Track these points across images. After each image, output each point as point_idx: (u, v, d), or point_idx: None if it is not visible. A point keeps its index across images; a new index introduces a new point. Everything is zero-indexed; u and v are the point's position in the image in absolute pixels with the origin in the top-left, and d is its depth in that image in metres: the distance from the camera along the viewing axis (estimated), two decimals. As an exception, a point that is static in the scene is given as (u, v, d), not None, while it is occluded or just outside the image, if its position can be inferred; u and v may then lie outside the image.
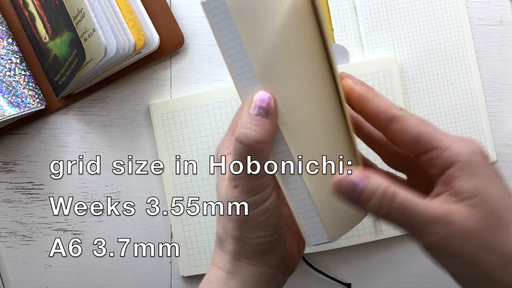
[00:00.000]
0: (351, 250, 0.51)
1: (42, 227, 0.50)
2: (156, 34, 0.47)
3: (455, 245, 0.25)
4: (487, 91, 0.53)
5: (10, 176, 0.51)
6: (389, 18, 0.53)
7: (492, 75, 0.53)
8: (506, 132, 0.53)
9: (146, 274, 0.50)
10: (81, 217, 0.50)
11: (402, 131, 0.28)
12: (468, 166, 0.26)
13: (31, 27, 0.49)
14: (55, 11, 0.44)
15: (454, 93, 0.53)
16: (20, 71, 0.49)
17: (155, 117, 0.49)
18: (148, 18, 0.47)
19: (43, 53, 0.49)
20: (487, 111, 0.53)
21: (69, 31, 0.43)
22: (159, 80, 0.51)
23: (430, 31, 0.53)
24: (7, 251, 0.50)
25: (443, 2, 0.53)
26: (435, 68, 0.53)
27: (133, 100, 0.51)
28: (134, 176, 0.51)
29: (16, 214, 0.50)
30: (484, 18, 0.53)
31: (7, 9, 0.50)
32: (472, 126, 0.53)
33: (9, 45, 0.49)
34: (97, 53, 0.41)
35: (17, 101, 0.47)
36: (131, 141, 0.51)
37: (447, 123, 0.52)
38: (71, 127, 0.51)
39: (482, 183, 0.26)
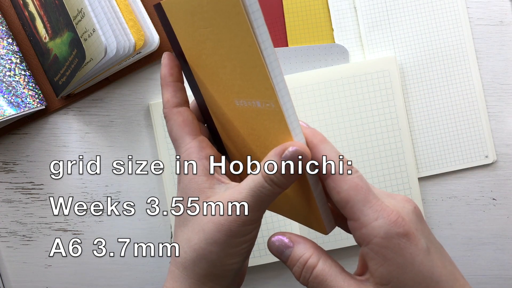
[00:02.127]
0: (351, 250, 0.51)
1: (42, 227, 0.50)
2: (156, 34, 0.47)
3: None
4: (487, 91, 0.53)
5: (10, 176, 0.51)
6: (389, 18, 0.53)
7: (492, 75, 0.53)
8: (506, 132, 0.53)
9: (146, 274, 0.50)
10: (81, 217, 0.50)
11: (334, 190, 0.27)
12: (382, 250, 0.25)
13: (31, 27, 0.49)
14: (55, 11, 0.44)
15: (454, 93, 0.53)
16: (20, 71, 0.49)
17: (155, 117, 0.49)
18: (148, 18, 0.47)
19: (43, 53, 0.49)
20: (487, 111, 0.53)
21: (69, 31, 0.43)
22: (159, 80, 0.51)
23: (430, 31, 0.53)
24: (7, 251, 0.50)
25: (443, 2, 0.53)
26: (435, 68, 0.53)
27: (133, 100, 0.51)
28: (134, 176, 0.51)
29: (16, 214, 0.50)
30: (484, 18, 0.53)
31: (7, 9, 0.50)
32: (472, 126, 0.53)
33: (9, 45, 0.49)
34: (97, 53, 0.41)
35: (17, 101, 0.47)
36: (131, 141, 0.51)
37: (447, 123, 0.52)
38: (71, 127, 0.51)
39: (394, 271, 0.25)
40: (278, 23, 0.52)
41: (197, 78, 0.31)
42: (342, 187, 0.26)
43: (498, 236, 0.53)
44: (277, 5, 0.52)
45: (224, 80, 0.29)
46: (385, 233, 0.25)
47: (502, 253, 0.53)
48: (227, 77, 0.28)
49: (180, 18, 0.29)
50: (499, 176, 0.53)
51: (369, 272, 0.26)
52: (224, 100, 0.30)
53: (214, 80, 0.30)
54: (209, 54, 0.28)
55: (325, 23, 0.52)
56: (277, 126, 0.27)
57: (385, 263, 0.25)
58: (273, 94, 0.25)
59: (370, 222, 0.26)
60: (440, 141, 0.52)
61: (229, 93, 0.29)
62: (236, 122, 0.30)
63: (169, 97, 0.31)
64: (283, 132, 0.27)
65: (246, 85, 0.27)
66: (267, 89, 0.25)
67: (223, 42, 0.26)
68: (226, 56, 0.27)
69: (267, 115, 0.27)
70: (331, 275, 0.26)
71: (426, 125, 0.52)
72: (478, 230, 0.53)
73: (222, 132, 0.33)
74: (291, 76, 0.51)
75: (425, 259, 0.26)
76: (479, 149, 0.53)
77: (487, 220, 0.53)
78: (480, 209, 0.53)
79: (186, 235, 0.31)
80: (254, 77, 0.26)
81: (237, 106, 0.29)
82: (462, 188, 0.53)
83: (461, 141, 0.52)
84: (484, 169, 0.53)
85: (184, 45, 0.30)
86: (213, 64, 0.29)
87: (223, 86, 0.29)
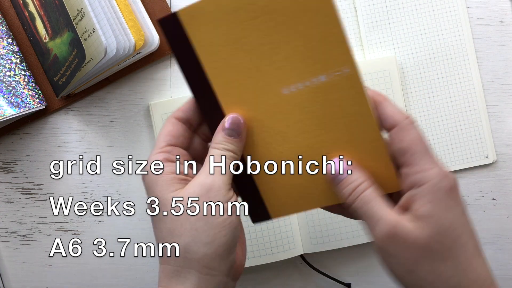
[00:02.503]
0: (351, 250, 0.51)
1: (42, 227, 0.50)
2: (156, 34, 0.47)
3: (396, 248, 0.29)
4: (487, 91, 0.53)
5: (10, 176, 0.51)
6: (389, 18, 0.53)
7: (492, 75, 0.53)
8: (506, 132, 0.53)
9: (146, 274, 0.50)
10: (81, 217, 0.50)
11: (397, 139, 0.30)
12: (432, 191, 0.29)
13: (31, 27, 0.49)
14: (55, 11, 0.44)
15: (454, 93, 0.53)
16: (20, 71, 0.49)
17: (155, 117, 0.49)
18: (148, 18, 0.47)
19: (43, 53, 0.49)
20: (487, 111, 0.53)
21: (69, 31, 0.43)
22: (159, 80, 0.51)
23: (430, 31, 0.53)
24: (7, 251, 0.50)
25: (443, 2, 0.53)
26: (435, 68, 0.53)
27: (133, 100, 0.51)
28: (134, 176, 0.51)
29: (16, 214, 0.50)
30: (484, 18, 0.53)
31: (7, 9, 0.50)
32: (472, 126, 0.53)
33: (9, 45, 0.49)
34: (97, 53, 0.41)
35: (17, 101, 0.47)
36: (131, 141, 0.51)
37: (447, 123, 0.52)
38: (71, 127, 0.51)
39: (438, 210, 0.29)
40: (278, 23, 0.52)
41: (220, 86, 0.31)
42: (405, 137, 0.30)
43: (498, 236, 0.53)
44: (277, 5, 0.52)
45: (269, 71, 0.30)
46: (438, 180, 0.29)
47: (502, 253, 0.53)
48: (279, 64, 0.29)
49: (207, 22, 0.29)
50: (499, 176, 0.53)
51: (412, 209, 0.29)
52: (266, 95, 0.30)
53: (251, 76, 0.30)
54: (252, 47, 0.29)
55: (325, 23, 0.52)
56: (347, 92, 0.29)
57: (433, 201, 0.28)
58: (349, 58, 0.28)
59: (428, 169, 0.29)
60: (440, 141, 0.52)
61: (274, 83, 0.30)
62: (283, 113, 0.31)
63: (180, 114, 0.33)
64: (356, 94, 0.29)
65: (310, 63, 0.29)
66: (343, 54, 0.28)
67: (281, 26, 0.28)
68: (283, 40, 0.28)
69: (335, 86, 0.29)
70: (377, 200, 0.30)
71: (426, 125, 0.52)
72: (478, 230, 0.52)
73: (260, 132, 0.32)
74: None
75: (461, 214, 0.29)
76: (479, 149, 0.53)
77: (487, 220, 0.53)
78: (480, 209, 0.53)
79: (166, 228, 0.32)
80: (325, 49, 0.28)
81: (286, 94, 0.30)
82: (462, 188, 0.53)
83: (461, 141, 0.52)
84: (484, 169, 0.53)
85: (206, 52, 0.30)
86: (256, 58, 0.29)
87: (266, 77, 0.30)
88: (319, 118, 0.30)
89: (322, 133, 0.31)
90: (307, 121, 0.31)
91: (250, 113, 0.31)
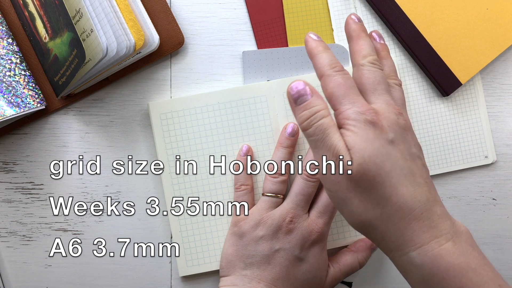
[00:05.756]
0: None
1: (42, 227, 0.50)
2: (156, 34, 0.47)
3: (332, 185, 0.32)
4: (487, 91, 0.53)
5: (10, 176, 0.51)
6: (389, 18, 0.52)
7: (492, 75, 0.53)
8: (506, 132, 0.53)
9: (146, 274, 0.50)
10: (81, 217, 0.51)
11: (323, 88, 0.33)
12: (350, 128, 0.32)
13: (31, 27, 0.49)
14: (55, 11, 0.44)
15: (454, 92, 0.53)
16: (20, 71, 0.49)
17: (153, 117, 0.49)
18: (148, 18, 0.47)
19: (43, 53, 0.49)
20: (487, 111, 0.53)
21: (69, 31, 0.43)
22: (159, 80, 0.51)
23: (430, 31, 0.53)
24: (7, 251, 0.50)
25: (443, 2, 0.53)
26: (435, 68, 0.52)
27: (133, 100, 0.51)
28: (134, 176, 0.51)
29: (16, 214, 0.50)
30: (484, 18, 0.53)
31: (7, 9, 0.50)
32: (472, 126, 0.53)
33: (9, 45, 0.49)
34: (95, 53, 0.41)
35: (17, 101, 0.47)
36: (131, 141, 0.51)
37: (447, 123, 0.52)
38: (71, 127, 0.51)
39: (356, 143, 0.31)
40: (278, 23, 0.52)
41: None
42: (328, 85, 0.33)
43: (498, 236, 0.53)
44: (277, 5, 0.52)
45: None
46: (356, 116, 0.31)
47: (502, 253, 0.53)
48: None
49: None
50: (499, 176, 0.53)
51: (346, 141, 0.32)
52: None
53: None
54: None
55: (325, 23, 0.52)
56: None
57: (351, 135, 0.31)
58: None
59: (345, 110, 0.32)
60: (440, 141, 0.52)
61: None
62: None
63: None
64: None
65: None
66: None
67: None
68: None
69: None
70: (332, 129, 0.32)
71: (426, 125, 0.52)
72: (478, 230, 0.53)
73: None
74: (291, 77, 0.51)
75: (384, 144, 0.31)
76: (479, 149, 0.53)
77: (487, 220, 0.53)
78: (480, 209, 0.53)
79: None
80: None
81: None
82: (462, 188, 0.53)
83: (461, 141, 0.52)
84: (484, 169, 0.53)
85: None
86: None
87: None
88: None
89: None
90: None
91: None
